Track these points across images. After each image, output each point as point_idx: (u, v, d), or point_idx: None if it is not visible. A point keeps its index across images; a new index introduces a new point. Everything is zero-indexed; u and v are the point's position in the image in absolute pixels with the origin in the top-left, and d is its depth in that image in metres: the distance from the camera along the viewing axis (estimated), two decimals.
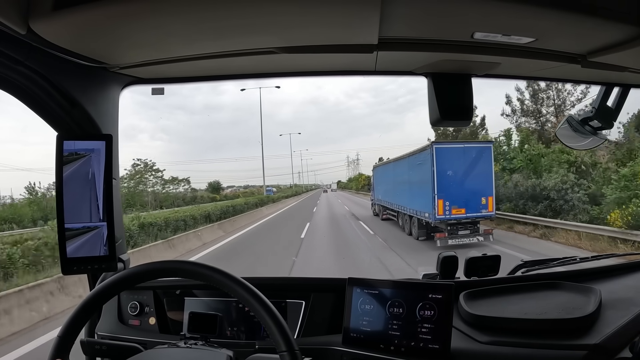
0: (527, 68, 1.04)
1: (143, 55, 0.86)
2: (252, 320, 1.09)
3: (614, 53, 0.83)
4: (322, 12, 0.68)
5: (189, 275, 0.73)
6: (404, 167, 10.67)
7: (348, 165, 66.00)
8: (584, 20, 0.72)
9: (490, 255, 1.25)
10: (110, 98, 1.05)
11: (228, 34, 0.76)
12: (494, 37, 0.79)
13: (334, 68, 1.04)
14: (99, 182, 0.90)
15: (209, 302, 1.14)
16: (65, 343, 0.69)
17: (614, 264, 1.33)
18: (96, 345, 0.85)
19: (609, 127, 1.25)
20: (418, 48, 0.85)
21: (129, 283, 0.75)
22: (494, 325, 0.92)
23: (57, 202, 0.87)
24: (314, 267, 6.77)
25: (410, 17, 0.73)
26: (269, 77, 1.07)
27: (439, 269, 1.25)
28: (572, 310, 0.92)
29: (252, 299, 0.70)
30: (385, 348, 0.89)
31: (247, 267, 6.84)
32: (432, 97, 0.95)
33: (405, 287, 0.91)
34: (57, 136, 0.87)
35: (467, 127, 16.58)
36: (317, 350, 0.95)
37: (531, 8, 0.67)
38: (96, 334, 1.14)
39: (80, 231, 0.89)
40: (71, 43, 0.76)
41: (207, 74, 1.06)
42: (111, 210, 0.92)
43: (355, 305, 0.94)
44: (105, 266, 0.92)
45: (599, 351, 0.80)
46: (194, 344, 0.85)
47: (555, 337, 0.85)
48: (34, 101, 0.90)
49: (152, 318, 1.16)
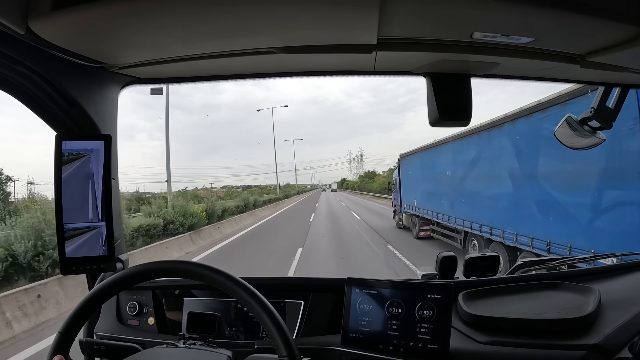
0: (526, 68, 1.04)
1: (142, 55, 0.86)
2: (251, 320, 1.09)
3: (613, 53, 0.83)
4: (320, 12, 0.68)
5: (188, 275, 0.73)
6: (507, 144, 5.16)
7: (350, 163, 62.06)
8: (583, 20, 0.72)
9: (489, 255, 1.25)
10: (109, 98, 1.05)
11: (227, 34, 0.76)
12: (493, 37, 0.79)
13: (332, 68, 1.04)
14: (98, 182, 0.90)
15: (208, 302, 1.14)
16: (65, 340, 0.69)
17: (613, 264, 1.33)
18: (95, 345, 0.85)
19: (608, 127, 1.25)
20: (417, 48, 0.85)
21: (127, 283, 0.75)
22: (493, 325, 0.92)
23: (56, 202, 0.87)
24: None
25: (409, 17, 0.73)
26: (268, 77, 1.07)
27: (438, 269, 1.25)
28: (571, 310, 0.92)
29: (252, 300, 0.70)
30: (384, 348, 0.89)
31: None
32: (431, 97, 0.95)
33: (404, 287, 0.91)
34: (56, 136, 0.87)
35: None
36: (316, 351, 0.95)
37: (530, 8, 0.67)
38: (95, 334, 1.14)
39: (80, 231, 0.89)
40: (70, 43, 0.76)
41: (207, 74, 1.06)
42: (110, 211, 0.92)
43: (354, 305, 0.94)
44: (104, 266, 0.92)
45: (598, 351, 0.80)
46: (192, 344, 0.84)
47: (554, 337, 0.85)
48: (32, 101, 0.90)
49: (151, 318, 1.16)
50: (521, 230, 4.79)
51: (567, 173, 4.07)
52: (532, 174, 4.69)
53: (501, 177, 5.38)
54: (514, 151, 5.06)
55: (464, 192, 6.84)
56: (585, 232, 3.82)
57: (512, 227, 5.01)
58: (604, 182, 3.61)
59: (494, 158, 5.64)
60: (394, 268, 6.66)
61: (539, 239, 4.43)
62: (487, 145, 5.79)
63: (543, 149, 4.44)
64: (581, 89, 3.51)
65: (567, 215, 4.06)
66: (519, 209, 4.94)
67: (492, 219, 5.61)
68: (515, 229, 4.91)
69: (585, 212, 3.83)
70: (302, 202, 34.21)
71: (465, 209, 6.72)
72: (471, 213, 6.40)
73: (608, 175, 3.56)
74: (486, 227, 5.74)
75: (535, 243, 4.49)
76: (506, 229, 5.15)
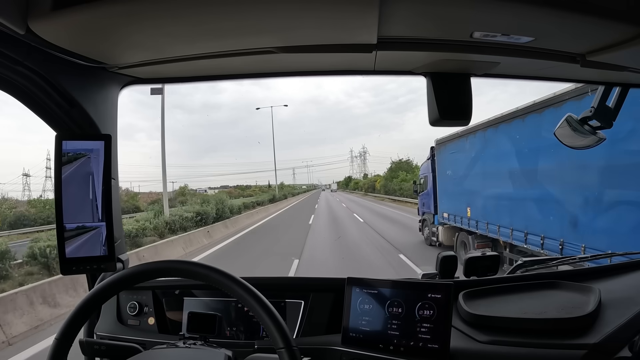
0: (526, 68, 1.04)
1: (142, 55, 0.86)
2: (252, 320, 1.09)
3: (613, 52, 0.83)
4: (320, 12, 0.68)
5: (188, 275, 0.73)
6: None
7: (352, 162, 55.80)
8: (583, 20, 0.72)
9: (489, 255, 1.25)
10: (109, 98, 1.04)
11: (227, 34, 0.76)
12: (493, 37, 0.79)
13: (332, 68, 1.04)
14: (98, 182, 0.90)
15: (208, 302, 1.14)
16: (63, 345, 0.68)
17: (613, 263, 1.33)
18: (95, 346, 0.85)
19: (608, 127, 1.25)
20: (417, 48, 0.85)
21: (127, 283, 0.74)
22: (493, 324, 0.92)
23: (56, 202, 0.87)
24: None
25: (409, 17, 0.73)
26: (268, 77, 1.07)
27: (438, 269, 1.25)
28: (571, 309, 0.92)
29: (251, 298, 0.70)
30: (384, 348, 0.89)
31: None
32: (431, 96, 0.95)
33: (405, 286, 0.91)
34: (56, 136, 0.87)
35: None
36: (316, 350, 0.95)
37: (530, 7, 0.67)
38: (95, 334, 1.14)
39: (80, 231, 0.89)
40: (70, 43, 0.76)
41: (206, 73, 1.06)
42: (110, 211, 0.92)
43: (355, 305, 0.94)
44: (104, 266, 0.92)
45: (599, 350, 0.80)
46: (193, 344, 0.84)
47: (554, 336, 0.85)
48: (32, 101, 0.90)
49: (151, 318, 1.16)
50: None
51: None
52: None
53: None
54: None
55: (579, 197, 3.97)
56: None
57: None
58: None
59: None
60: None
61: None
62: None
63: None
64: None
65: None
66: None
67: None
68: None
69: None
70: (289, 210, 23.80)
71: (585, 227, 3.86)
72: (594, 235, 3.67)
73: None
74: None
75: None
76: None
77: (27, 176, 37.91)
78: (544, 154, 4.52)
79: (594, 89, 1.57)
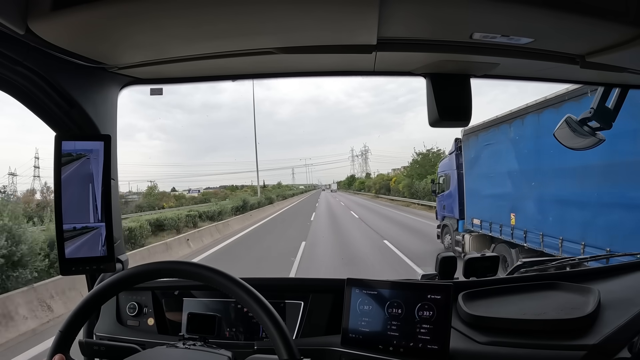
0: (526, 69, 1.04)
1: (142, 55, 0.86)
2: (251, 320, 1.09)
3: (613, 53, 0.83)
4: (320, 13, 0.68)
5: (188, 276, 0.73)
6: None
7: (353, 161, 52.00)
8: (583, 21, 0.72)
9: (489, 256, 1.25)
10: (109, 98, 1.04)
11: (226, 34, 0.76)
12: (492, 38, 0.79)
13: (332, 68, 1.04)
14: (98, 182, 0.90)
15: (208, 302, 1.14)
16: (66, 339, 0.69)
17: (612, 264, 1.33)
18: (94, 346, 0.84)
19: (608, 128, 1.25)
20: (417, 48, 0.85)
21: (127, 284, 0.74)
22: (492, 325, 0.92)
23: (55, 202, 0.87)
24: None
25: (408, 18, 0.73)
26: (268, 78, 1.07)
27: (437, 270, 1.25)
28: (570, 310, 0.92)
29: (252, 300, 0.70)
30: (384, 348, 0.89)
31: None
32: (430, 97, 0.95)
33: (404, 287, 0.91)
34: (55, 136, 0.87)
35: None
36: (316, 351, 0.95)
37: (530, 9, 0.67)
38: (94, 335, 1.13)
39: (79, 232, 0.89)
40: (70, 43, 0.76)
41: (206, 74, 1.06)
42: (110, 211, 0.91)
43: (354, 305, 0.94)
44: (103, 267, 0.91)
45: (598, 351, 0.80)
46: (192, 344, 0.84)
47: (554, 337, 0.85)
48: (32, 101, 0.90)
49: (150, 319, 1.16)
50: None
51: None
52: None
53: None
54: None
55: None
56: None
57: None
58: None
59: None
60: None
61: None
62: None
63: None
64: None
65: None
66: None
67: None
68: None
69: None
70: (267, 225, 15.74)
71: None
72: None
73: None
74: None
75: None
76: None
77: (13, 175, 37.13)
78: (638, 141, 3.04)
79: (593, 90, 1.57)
